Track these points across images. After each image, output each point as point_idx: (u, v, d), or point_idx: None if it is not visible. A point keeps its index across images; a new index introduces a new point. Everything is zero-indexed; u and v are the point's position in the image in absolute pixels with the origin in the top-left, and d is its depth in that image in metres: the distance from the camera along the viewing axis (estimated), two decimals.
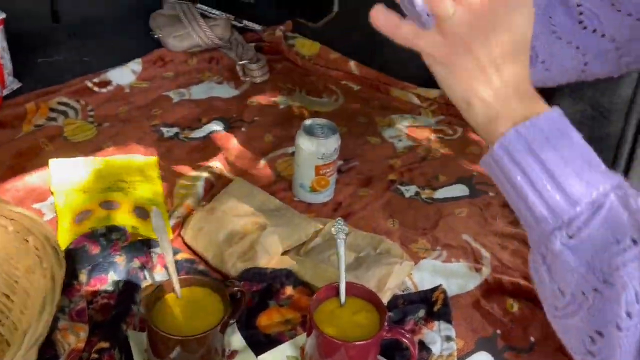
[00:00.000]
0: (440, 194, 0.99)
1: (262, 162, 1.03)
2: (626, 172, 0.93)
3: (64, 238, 0.79)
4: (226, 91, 1.21)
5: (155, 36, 1.30)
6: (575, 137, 0.43)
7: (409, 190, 1.00)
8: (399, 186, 1.00)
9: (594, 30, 0.55)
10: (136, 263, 0.76)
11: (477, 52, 0.41)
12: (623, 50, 0.56)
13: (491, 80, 0.42)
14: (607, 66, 0.58)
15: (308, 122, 0.92)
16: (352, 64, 1.29)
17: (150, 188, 0.90)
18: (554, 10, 0.55)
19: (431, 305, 0.77)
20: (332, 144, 0.91)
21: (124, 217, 0.83)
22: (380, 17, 0.42)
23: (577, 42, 0.56)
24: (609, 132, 0.91)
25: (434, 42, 0.42)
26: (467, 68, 0.42)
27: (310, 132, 0.90)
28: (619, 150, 0.90)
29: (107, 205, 0.85)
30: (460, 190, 1.00)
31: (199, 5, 1.37)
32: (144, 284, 0.76)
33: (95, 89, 1.15)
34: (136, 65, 1.22)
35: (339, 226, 0.69)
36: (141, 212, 0.85)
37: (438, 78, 0.44)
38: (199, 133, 1.08)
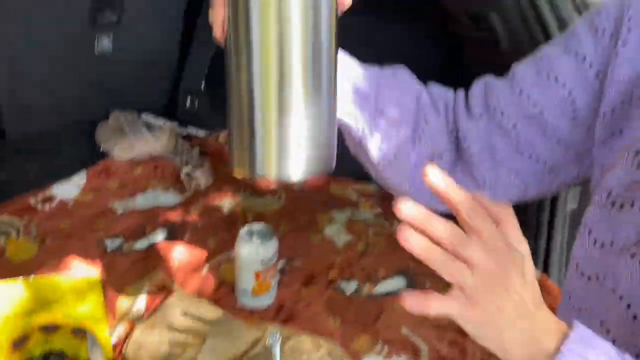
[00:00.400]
0: (381, 288, 1.03)
1: (206, 269, 1.05)
2: (547, 255, 1.00)
3: None
4: (171, 198, 1.25)
5: (101, 148, 1.34)
6: (604, 344, 0.47)
7: (350, 287, 1.03)
8: (340, 283, 1.03)
9: (530, 156, 0.62)
10: None
11: (501, 304, 0.45)
12: (555, 173, 0.63)
13: (517, 325, 0.45)
14: (543, 187, 0.65)
15: (245, 228, 0.95)
16: None
17: (90, 306, 0.91)
18: (495, 139, 0.63)
19: None
20: (270, 248, 0.94)
21: (63, 340, 0.83)
22: (411, 302, 0.44)
23: (516, 169, 0.63)
24: (527, 216, 0.98)
25: (460, 307, 0.45)
26: (495, 320, 0.45)
27: (248, 238, 0.94)
28: (537, 239, 0.96)
29: (46, 328, 0.85)
30: (399, 282, 1.04)
31: (143, 116, 1.42)
32: None
33: (39, 205, 1.17)
34: (81, 178, 1.25)
35: (274, 338, 0.71)
36: (81, 333, 0.85)
37: (472, 335, 0.47)
38: (142, 244, 1.10)
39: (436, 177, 0.43)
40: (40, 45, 1.29)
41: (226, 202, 1.25)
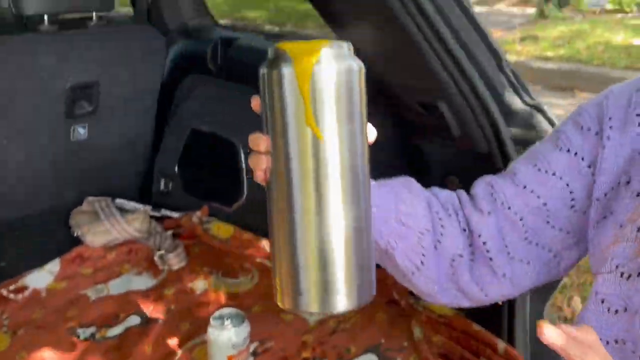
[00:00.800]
0: None
1: (179, 354, 1.06)
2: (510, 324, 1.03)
3: None
4: (144, 282, 1.26)
5: (75, 234, 1.36)
6: None
7: None
8: None
9: (537, 244, 0.69)
10: None
11: None
12: (559, 258, 0.70)
13: None
14: (551, 273, 0.71)
15: (217, 314, 0.97)
16: (265, 242, 1.38)
17: None
18: (505, 232, 0.69)
19: None
20: (241, 333, 0.96)
21: None
22: None
23: (527, 258, 0.69)
24: None
25: None
26: None
27: (219, 323, 0.96)
28: (500, 309, 1.00)
29: None
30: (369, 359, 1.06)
31: (117, 200, 1.46)
32: None
33: (11, 296, 1.17)
34: (54, 266, 1.26)
35: None
36: None
37: None
38: (115, 331, 1.11)
39: (553, 336, 0.46)
40: (17, 135, 1.34)
41: (199, 283, 1.27)
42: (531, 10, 6.41)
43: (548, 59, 4.72)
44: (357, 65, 0.49)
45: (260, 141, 0.50)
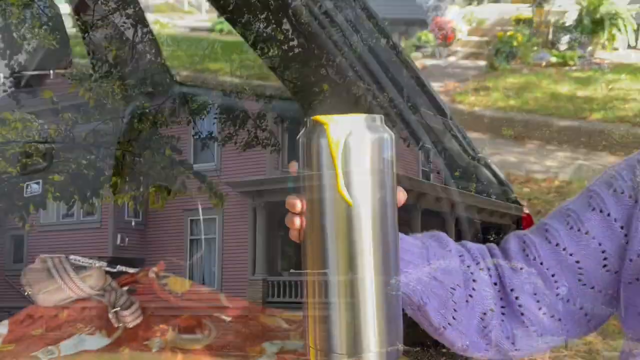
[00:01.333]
0: None
1: None
2: None
3: None
4: (97, 342, 1.23)
5: (26, 293, 1.32)
6: None
7: None
8: None
9: (568, 300, 0.70)
10: None
11: None
12: (590, 316, 0.71)
13: None
14: (581, 330, 0.73)
15: None
16: (222, 297, 1.38)
17: None
18: (537, 288, 0.70)
19: None
20: None
21: None
22: None
23: (558, 314, 0.70)
24: None
25: None
26: None
27: None
28: None
29: None
30: None
31: (71, 257, 1.43)
32: None
33: None
34: (2, 328, 1.22)
35: None
36: None
37: None
38: None
39: None
40: None
41: (155, 340, 1.25)
42: (482, 63, 6.74)
43: (499, 109, 4.94)
44: (388, 135, 0.52)
45: (296, 203, 0.53)
